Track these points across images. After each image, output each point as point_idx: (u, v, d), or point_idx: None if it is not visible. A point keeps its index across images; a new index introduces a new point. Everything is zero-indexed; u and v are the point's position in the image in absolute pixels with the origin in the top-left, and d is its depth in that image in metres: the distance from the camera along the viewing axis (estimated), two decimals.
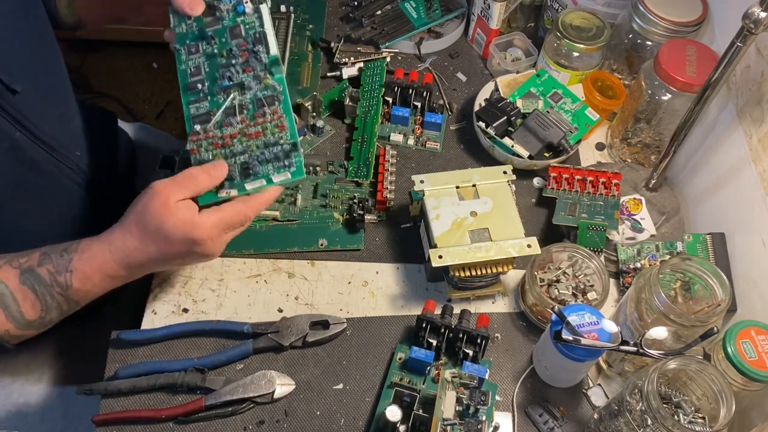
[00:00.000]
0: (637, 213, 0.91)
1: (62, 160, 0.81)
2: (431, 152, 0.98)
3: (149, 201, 0.67)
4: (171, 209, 0.67)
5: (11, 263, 0.68)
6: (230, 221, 0.70)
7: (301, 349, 0.79)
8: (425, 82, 1.00)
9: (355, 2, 1.13)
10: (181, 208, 0.67)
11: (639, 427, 0.62)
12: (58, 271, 0.68)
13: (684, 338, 0.70)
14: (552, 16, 1.07)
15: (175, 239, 0.67)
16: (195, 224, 0.67)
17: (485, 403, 0.71)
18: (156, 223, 0.67)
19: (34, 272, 0.68)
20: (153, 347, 0.78)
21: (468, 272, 0.78)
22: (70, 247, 0.69)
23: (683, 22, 0.92)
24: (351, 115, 0.99)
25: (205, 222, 0.68)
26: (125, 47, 2.12)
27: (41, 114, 0.76)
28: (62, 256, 0.69)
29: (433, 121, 0.98)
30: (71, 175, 0.83)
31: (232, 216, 0.70)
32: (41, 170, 0.78)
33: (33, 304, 0.68)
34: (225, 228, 0.70)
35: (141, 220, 0.68)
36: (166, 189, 0.67)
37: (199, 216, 0.68)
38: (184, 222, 0.67)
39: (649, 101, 0.91)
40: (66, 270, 0.68)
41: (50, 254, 0.69)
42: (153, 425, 0.73)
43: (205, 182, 0.70)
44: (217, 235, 0.69)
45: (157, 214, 0.67)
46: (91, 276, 0.68)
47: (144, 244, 0.68)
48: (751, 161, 0.79)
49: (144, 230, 0.68)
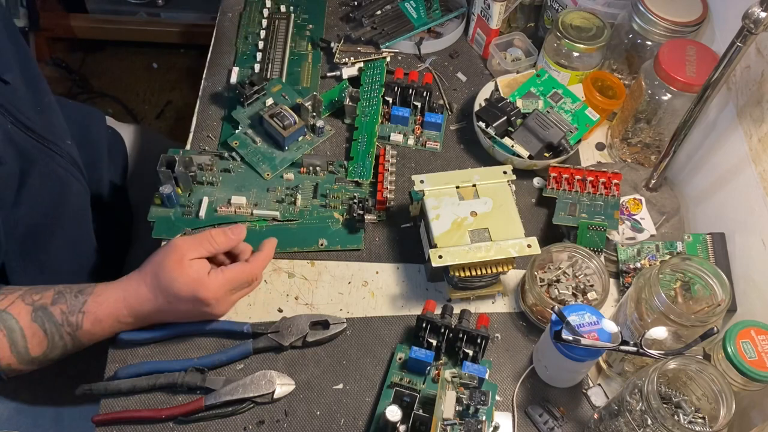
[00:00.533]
0: (637, 213, 0.91)
1: (54, 149, 0.81)
2: (431, 152, 0.98)
3: (166, 255, 0.71)
4: (184, 266, 0.71)
5: (24, 299, 0.69)
6: (236, 280, 0.75)
7: (301, 349, 0.79)
8: (425, 82, 1.00)
9: (355, 2, 1.13)
10: (193, 265, 0.71)
11: (639, 427, 0.62)
12: (71, 311, 0.70)
13: (684, 338, 0.70)
14: (552, 16, 1.07)
15: (182, 296, 0.71)
16: (203, 284, 0.71)
17: (485, 403, 0.71)
18: (168, 278, 0.70)
19: (46, 310, 0.69)
20: (153, 347, 0.78)
21: (468, 272, 0.78)
22: (85, 290, 0.72)
23: (683, 22, 0.92)
24: (351, 115, 0.99)
25: (212, 282, 0.72)
26: (125, 47, 2.12)
27: (29, 105, 0.77)
28: (77, 297, 0.71)
29: (433, 121, 0.98)
30: (63, 163, 0.83)
31: (237, 275, 0.75)
32: (34, 160, 0.78)
33: (40, 341, 0.69)
34: (232, 288, 0.75)
35: (156, 272, 0.71)
36: (184, 245, 0.72)
37: (207, 276, 0.72)
38: (193, 280, 0.71)
39: (649, 101, 0.91)
40: (79, 311, 0.70)
41: (65, 294, 0.71)
42: (153, 425, 0.73)
43: (223, 243, 0.75)
44: (223, 295, 0.74)
45: (171, 269, 0.71)
46: (103, 320, 0.71)
47: (155, 295, 0.72)
48: (751, 161, 0.79)
49: (157, 282, 0.71)
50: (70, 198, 0.86)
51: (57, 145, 0.82)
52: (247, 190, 0.91)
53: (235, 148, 0.94)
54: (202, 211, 0.87)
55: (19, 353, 0.68)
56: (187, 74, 2.10)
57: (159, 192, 0.84)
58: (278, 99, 0.98)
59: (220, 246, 0.74)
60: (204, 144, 0.96)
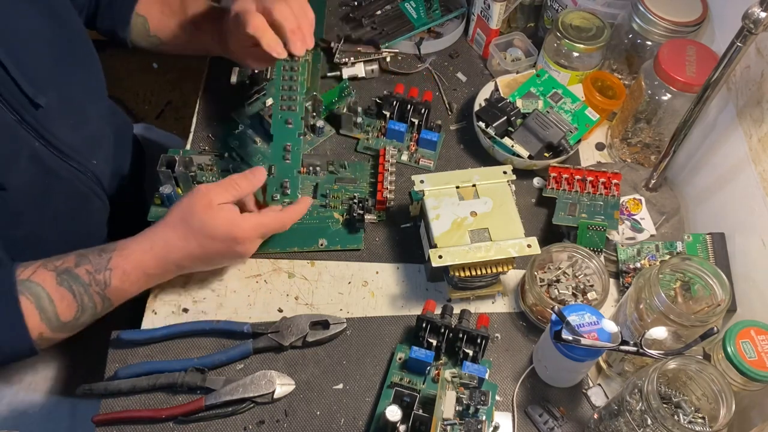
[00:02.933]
0: (637, 213, 0.91)
1: (79, 168, 0.82)
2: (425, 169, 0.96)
3: (194, 201, 0.72)
4: (215, 209, 0.72)
5: (46, 266, 0.69)
6: (268, 226, 0.77)
7: (301, 349, 0.79)
8: (424, 99, 0.98)
9: (355, 2, 1.13)
10: (224, 209, 0.73)
11: (639, 427, 0.62)
12: (97, 269, 0.70)
13: (684, 338, 0.70)
14: (552, 16, 1.07)
15: (217, 236, 0.72)
16: (237, 224, 0.73)
17: (485, 403, 0.71)
18: (201, 221, 0.71)
19: (71, 273, 0.69)
20: (153, 347, 0.78)
21: (468, 272, 0.78)
22: (107, 247, 0.72)
23: (683, 22, 0.92)
24: (347, 125, 0.98)
25: (246, 223, 0.73)
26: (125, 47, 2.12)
27: (60, 124, 0.77)
28: (101, 256, 0.71)
29: (429, 138, 0.96)
30: (87, 182, 0.84)
31: (271, 221, 0.77)
32: (59, 178, 0.79)
33: (69, 305, 0.69)
34: (263, 231, 0.76)
35: (186, 218, 0.72)
36: (211, 192, 0.73)
37: (241, 217, 0.73)
38: (228, 220, 0.72)
39: (649, 101, 0.91)
40: (105, 268, 0.70)
41: (87, 255, 0.71)
42: (153, 425, 0.73)
43: (246, 187, 0.76)
44: (254, 236, 0.75)
45: (203, 212, 0.71)
46: (130, 273, 0.71)
47: (186, 240, 0.72)
48: (751, 161, 0.79)
49: (188, 227, 0.72)
50: (90, 214, 0.87)
51: (83, 164, 0.82)
52: None
53: (235, 148, 0.94)
54: None
55: (49, 320, 0.67)
56: (187, 74, 2.10)
57: (159, 192, 0.84)
58: None
59: (243, 189, 0.75)
60: (204, 144, 0.96)
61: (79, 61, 0.83)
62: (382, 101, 0.98)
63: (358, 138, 0.98)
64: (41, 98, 0.72)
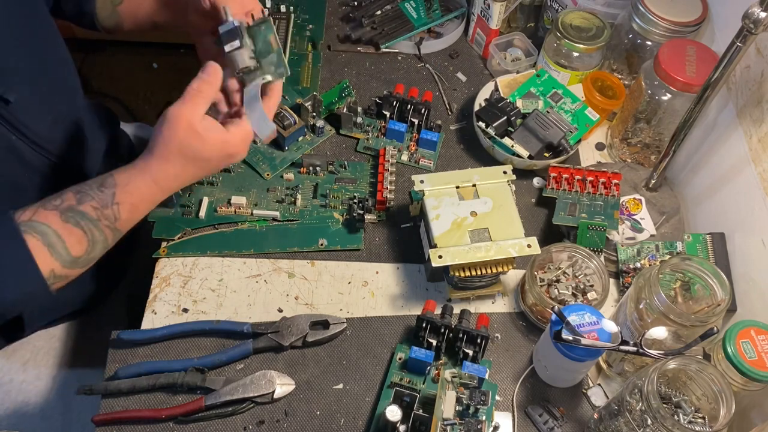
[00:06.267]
0: (637, 213, 0.91)
1: (60, 163, 0.81)
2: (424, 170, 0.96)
3: (176, 129, 0.69)
4: (200, 133, 0.70)
5: (45, 206, 0.68)
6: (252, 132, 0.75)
7: (301, 349, 0.79)
8: (425, 99, 0.98)
9: (355, 2, 1.13)
10: (209, 129, 0.71)
11: (639, 427, 0.62)
12: (103, 205, 0.69)
13: (684, 338, 0.70)
14: (552, 16, 1.07)
15: (213, 158, 0.72)
16: (227, 140, 0.72)
17: (485, 403, 0.71)
18: (193, 149, 0.70)
19: (75, 210, 0.68)
20: (153, 347, 0.78)
21: (468, 272, 0.78)
22: (105, 182, 0.70)
23: (683, 22, 0.92)
24: (347, 125, 0.98)
25: (235, 138, 0.73)
26: (125, 47, 2.12)
27: (38, 119, 0.77)
28: (102, 191, 0.70)
29: (429, 138, 0.96)
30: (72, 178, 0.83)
31: None
32: (39, 173, 0.78)
33: (79, 239, 0.68)
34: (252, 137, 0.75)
35: (178, 149, 0.70)
36: (184, 113, 0.70)
37: (230, 133, 0.72)
38: (219, 140, 0.71)
39: (649, 101, 0.91)
40: (112, 203, 0.69)
41: (86, 192, 0.69)
42: (153, 425, 0.73)
43: (210, 91, 0.72)
44: (246, 144, 0.75)
45: (191, 139, 0.70)
46: (139, 205, 0.72)
47: (185, 169, 0.72)
48: (751, 161, 0.79)
49: (184, 157, 0.71)
50: None
51: (64, 159, 0.82)
52: (247, 190, 0.91)
53: None
54: (202, 211, 0.87)
55: (60, 255, 0.66)
56: (187, 74, 2.08)
57: None
58: None
59: (209, 94, 0.72)
60: None
61: (51, 57, 0.82)
62: (382, 101, 0.98)
63: (358, 138, 0.98)
64: (11, 94, 0.71)
